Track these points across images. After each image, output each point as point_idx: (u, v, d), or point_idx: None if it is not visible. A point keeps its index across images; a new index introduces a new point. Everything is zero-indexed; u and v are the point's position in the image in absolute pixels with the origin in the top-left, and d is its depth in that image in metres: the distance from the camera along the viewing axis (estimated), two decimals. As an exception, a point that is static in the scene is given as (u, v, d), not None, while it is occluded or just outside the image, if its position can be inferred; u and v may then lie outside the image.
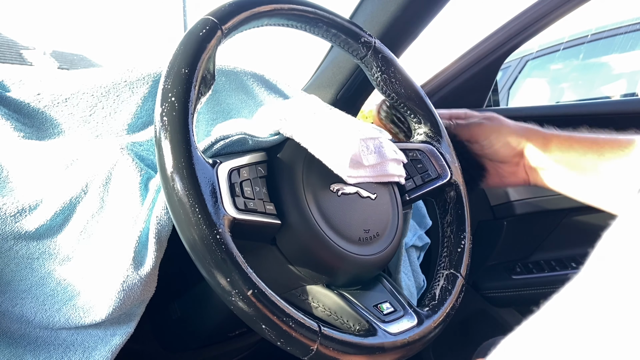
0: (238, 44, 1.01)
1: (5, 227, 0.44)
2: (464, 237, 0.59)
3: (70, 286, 0.46)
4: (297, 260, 0.47)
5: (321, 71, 0.96)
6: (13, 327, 0.46)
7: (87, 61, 14.82)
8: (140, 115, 0.57)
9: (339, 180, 0.49)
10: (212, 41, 0.44)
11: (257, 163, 0.46)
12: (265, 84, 0.69)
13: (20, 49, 12.94)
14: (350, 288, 0.50)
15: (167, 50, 0.46)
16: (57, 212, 0.45)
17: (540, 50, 2.12)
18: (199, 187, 0.38)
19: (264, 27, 0.52)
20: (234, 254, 0.38)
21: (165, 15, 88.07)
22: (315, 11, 0.52)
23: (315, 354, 0.40)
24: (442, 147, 0.62)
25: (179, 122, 0.39)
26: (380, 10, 0.80)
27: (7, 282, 0.45)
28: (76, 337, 0.47)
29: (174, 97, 0.40)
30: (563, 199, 1.14)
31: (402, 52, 0.90)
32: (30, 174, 0.47)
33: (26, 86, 0.56)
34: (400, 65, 0.61)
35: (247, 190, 0.43)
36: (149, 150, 0.54)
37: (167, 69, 0.42)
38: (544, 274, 1.15)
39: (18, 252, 0.45)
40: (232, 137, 0.48)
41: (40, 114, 0.54)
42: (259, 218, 0.43)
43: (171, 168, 0.38)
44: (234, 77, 0.67)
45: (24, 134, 0.51)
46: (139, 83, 0.58)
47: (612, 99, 1.95)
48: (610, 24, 1.93)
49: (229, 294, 0.38)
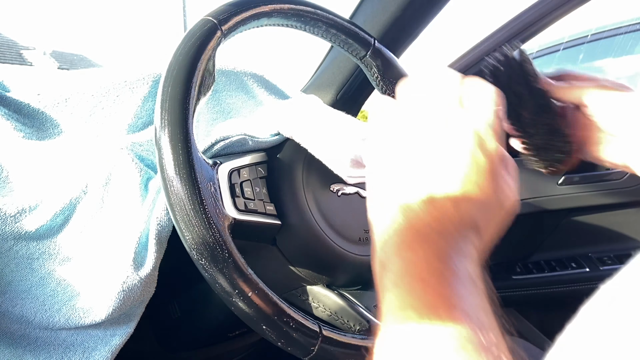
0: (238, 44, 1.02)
1: (5, 227, 0.44)
2: None
3: (70, 286, 0.46)
4: (297, 260, 0.47)
5: (321, 71, 0.96)
6: (13, 327, 0.46)
7: (87, 61, 14.81)
8: (140, 115, 0.57)
9: (339, 181, 0.49)
10: (211, 42, 0.44)
11: (257, 164, 0.46)
12: (265, 84, 0.69)
13: (20, 49, 12.93)
14: (351, 288, 0.50)
15: (167, 50, 0.46)
16: (57, 212, 0.45)
17: (540, 50, 2.12)
18: (199, 188, 0.38)
19: (264, 27, 0.52)
20: (235, 255, 0.38)
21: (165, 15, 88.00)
22: (315, 11, 0.52)
23: (315, 355, 0.40)
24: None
25: (179, 122, 0.39)
26: (380, 10, 0.80)
27: (7, 282, 0.45)
28: (76, 337, 0.47)
29: (174, 98, 0.40)
30: (563, 199, 1.14)
31: (402, 52, 0.90)
32: (30, 174, 0.47)
33: (26, 86, 0.56)
34: (400, 65, 0.61)
35: (247, 190, 0.43)
36: (149, 151, 0.54)
37: (167, 70, 0.42)
38: (544, 274, 1.15)
39: (18, 253, 0.45)
40: (232, 137, 0.48)
41: (40, 114, 0.53)
42: (259, 219, 0.43)
43: (171, 169, 0.38)
44: (234, 77, 0.67)
45: (24, 134, 0.51)
46: (139, 83, 0.58)
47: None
48: (610, 24, 1.93)
49: (229, 295, 0.38)
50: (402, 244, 0.28)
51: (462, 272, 0.27)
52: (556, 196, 1.09)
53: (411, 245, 0.27)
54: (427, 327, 0.24)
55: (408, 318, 0.25)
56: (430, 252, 0.27)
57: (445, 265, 0.26)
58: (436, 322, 0.24)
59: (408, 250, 0.27)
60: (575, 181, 1.08)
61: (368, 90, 0.92)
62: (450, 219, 0.28)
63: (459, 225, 0.28)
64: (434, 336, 0.24)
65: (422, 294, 0.26)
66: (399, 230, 0.28)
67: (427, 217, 0.28)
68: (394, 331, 0.25)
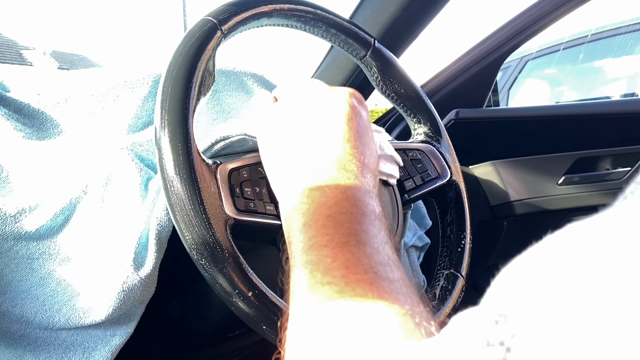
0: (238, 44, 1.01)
1: (5, 228, 0.44)
2: (464, 237, 0.59)
3: (70, 287, 0.46)
4: (297, 260, 0.47)
5: (321, 71, 0.96)
6: (13, 327, 0.46)
7: (87, 61, 14.81)
8: (140, 116, 0.57)
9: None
10: (211, 42, 0.44)
11: (258, 164, 0.46)
12: (265, 84, 0.69)
13: (20, 49, 12.93)
14: None
15: (167, 50, 0.46)
16: (57, 212, 0.45)
17: (540, 51, 2.12)
18: (199, 188, 0.38)
19: (264, 27, 0.52)
20: (235, 255, 0.38)
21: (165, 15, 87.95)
22: (315, 11, 0.52)
23: None
24: (442, 147, 0.62)
25: (179, 122, 0.39)
26: (380, 10, 0.80)
27: (7, 282, 0.45)
28: (76, 337, 0.47)
29: (174, 98, 0.40)
30: (563, 199, 1.14)
31: (402, 52, 0.90)
32: (30, 174, 0.47)
33: (26, 86, 0.56)
34: (399, 65, 0.61)
35: (248, 191, 0.43)
36: (149, 151, 0.54)
37: (167, 70, 0.42)
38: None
39: (18, 253, 0.45)
40: (232, 137, 0.48)
41: (40, 114, 0.53)
42: (260, 219, 0.43)
43: (171, 169, 0.38)
44: (234, 77, 0.67)
45: (24, 134, 0.51)
46: (139, 83, 0.58)
47: (612, 99, 1.95)
48: (610, 24, 1.93)
49: (229, 295, 0.38)
50: (312, 189, 0.31)
51: (369, 209, 0.30)
52: (556, 196, 1.09)
53: (320, 188, 0.31)
54: (340, 266, 0.26)
55: (322, 257, 0.26)
56: (338, 192, 0.30)
57: (353, 203, 0.30)
58: (349, 261, 0.26)
59: (317, 191, 0.31)
60: (575, 181, 1.08)
61: (368, 90, 0.92)
62: (350, 160, 0.33)
63: (360, 165, 0.33)
64: (347, 276, 0.25)
65: (333, 233, 0.27)
66: (307, 179, 0.32)
67: (330, 163, 0.33)
68: (307, 274, 0.26)
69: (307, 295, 0.25)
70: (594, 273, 0.14)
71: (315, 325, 0.24)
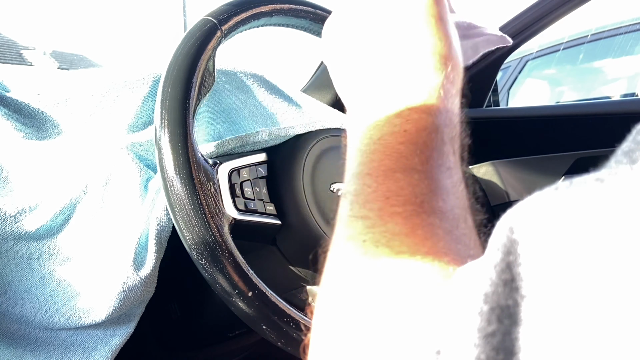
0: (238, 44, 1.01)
1: (5, 228, 0.44)
2: None
3: (70, 287, 0.46)
4: (297, 260, 0.47)
5: (321, 71, 0.96)
6: (13, 327, 0.46)
7: (87, 61, 14.81)
8: (140, 116, 0.57)
9: (339, 181, 0.49)
10: (211, 42, 0.44)
11: (258, 164, 0.46)
12: (265, 84, 0.69)
13: (20, 49, 12.93)
14: None
15: (167, 50, 0.46)
16: (57, 212, 0.45)
17: (540, 51, 2.12)
18: (199, 188, 0.38)
19: (264, 27, 0.52)
20: (235, 255, 0.38)
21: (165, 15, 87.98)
22: (315, 11, 0.52)
23: None
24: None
25: (179, 122, 0.39)
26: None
27: (7, 282, 0.45)
28: (76, 337, 0.47)
29: (174, 98, 0.40)
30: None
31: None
32: (30, 174, 0.47)
33: (26, 86, 0.56)
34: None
35: (248, 190, 0.43)
36: (149, 151, 0.54)
37: (167, 70, 0.42)
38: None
39: (18, 253, 0.45)
40: (233, 136, 0.48)
41: (40, 114, 0.53)
42: (260, 219, 0.43)
43: (171, 169, 0.38)
44: (234, 77, 0.67)
45: (24, 134, 0.51)
46: (139, 83, 0.58)
47: (612, 99, 1.95)
48: (610, 25, 1.93)
49: (229, 295, 0.38)
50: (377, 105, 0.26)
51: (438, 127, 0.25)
52: (556, 196, 1.09)
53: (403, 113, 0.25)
54: (379, 197, 0.23)
55: (365, 186, 0.24)
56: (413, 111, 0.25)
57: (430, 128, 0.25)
58: (389, 191, 0.23)
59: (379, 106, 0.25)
60: (575, 181, 1.08)
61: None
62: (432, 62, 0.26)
63: (438, 69, 0.26)
64: (383, 209, 0.22)
65: (381, 159, 0.24)
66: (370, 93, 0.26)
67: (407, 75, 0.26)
68: (346, 205, 0.24)
69: (341, 228, 0.24)
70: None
71: (342, 263, 0.23)
